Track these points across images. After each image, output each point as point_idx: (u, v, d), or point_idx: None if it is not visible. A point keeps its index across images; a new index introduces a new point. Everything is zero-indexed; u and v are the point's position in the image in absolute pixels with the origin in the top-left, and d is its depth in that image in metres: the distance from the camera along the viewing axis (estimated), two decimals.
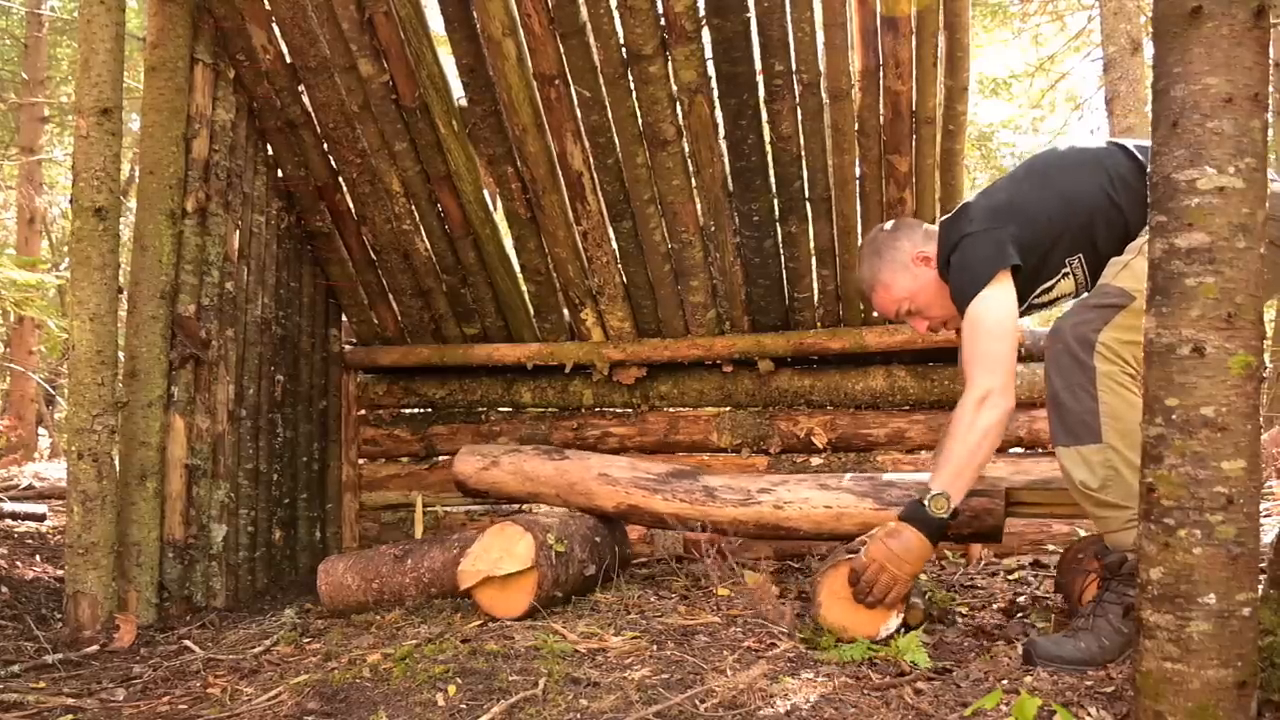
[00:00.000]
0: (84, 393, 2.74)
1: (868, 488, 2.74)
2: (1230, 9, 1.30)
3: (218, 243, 3.22)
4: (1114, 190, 2.09)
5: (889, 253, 2.35)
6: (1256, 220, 1.32)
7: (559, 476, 3.01)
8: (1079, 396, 1.93)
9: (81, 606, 2.73)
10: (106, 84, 2.78)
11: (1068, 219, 2.14)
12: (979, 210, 2.22)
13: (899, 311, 2.39)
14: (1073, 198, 2.13)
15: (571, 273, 3.58)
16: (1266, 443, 4.53)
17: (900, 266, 2.33)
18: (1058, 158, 2.25)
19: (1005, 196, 2.22)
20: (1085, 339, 1.93)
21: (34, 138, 9.26)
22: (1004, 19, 9.55)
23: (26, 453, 8.55)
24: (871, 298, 2.43)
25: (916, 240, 2.34)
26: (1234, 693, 1.32)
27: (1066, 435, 1.96)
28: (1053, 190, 2.15)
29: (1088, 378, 1.92)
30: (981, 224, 2.17)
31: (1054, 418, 1.99)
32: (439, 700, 1.83)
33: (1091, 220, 2.12)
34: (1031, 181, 2.21)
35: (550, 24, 2.85)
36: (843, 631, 2.14)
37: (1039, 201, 2.15)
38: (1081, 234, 2.14)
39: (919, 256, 2.32)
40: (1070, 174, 2.16)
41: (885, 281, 2.36)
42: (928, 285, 2.32)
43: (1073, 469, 1.95)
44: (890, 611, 2.12)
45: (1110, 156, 2.15)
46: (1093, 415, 1.91)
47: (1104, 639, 1.90)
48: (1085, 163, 2.17)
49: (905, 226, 2.42)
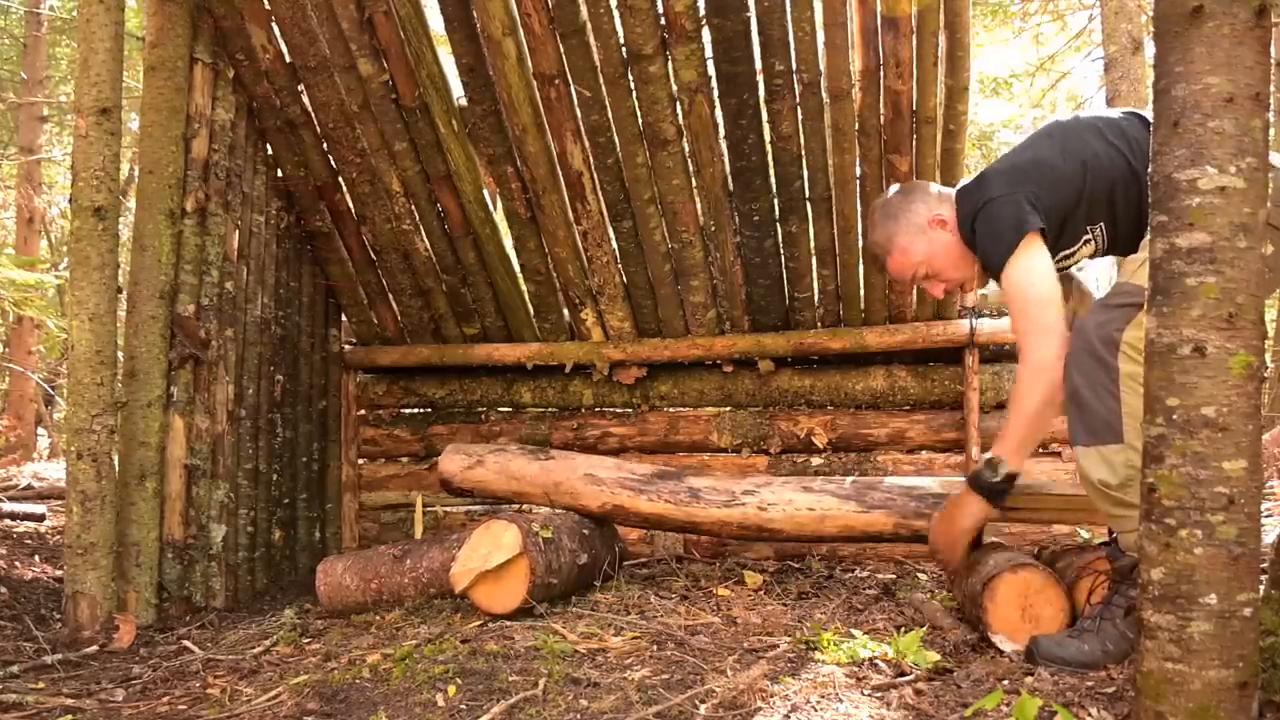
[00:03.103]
0: (83, 393, 2.74)
1: (850, 490, 2.75)
2: (1231, 8, 1.29)
3: (217, 242, 3.22)
4: (1133, 157, 2.07)
5: (905, 216, 2.32)
6: (1257, 220, 1.32)
7: (544, 476, 3.02)
8: (1101, 396, 1.91)
9: (81, 607, 2.73)
10: (106, 83, 2.78)
11: (1089, 185, 2.11)
12: (999, 174, 2.20)
13: (915, 276, 2.36)
14: (1094, 165, 2.11)
15: (571, 273, 3.58)
16: (1267, 443, 4.52)
17: (916, 230, 2.30)
18: (1078, 125, 2.21)
19: (1027, 157, 2.18)
20: (1109, 339, 1.91)
21: (33, 137, 9.25)
22: (1004, 18, 9.54)
23: (25, 453, 8.55)
24: (887, 262, 2.39)
25: (931, 203, 2.31)
26: (1235, 693, 1.32)
27: (1088, 435, 1.94)
28: (1074, 157, 2.13)
29: (1110, 378, 1.90)
30: (1003, 188, 2.14)
31: (1075, 417, 1.97)
32: (439, 700, 1.83)
33: (1112, 188, 2.10)
34: (1052, 146, 2.18)
35: (550, 24, 2.84)
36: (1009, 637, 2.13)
37: (1060, 166, 2.13)
38: (1102, 201, 2.12)
39: (935, 219, 2.29)
40: (1088, 143, 2.14)
41: (902, 246, 2.32)
42: (944, 248, 2.29)
43: (1092, 468, 1.93)
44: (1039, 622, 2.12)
45: (1129, 125, 2.13)
46: (1115, 415, 1.89)
47: (1108, 643, 1.90)
48: (1103, 130, 2.15)
49: (918, 189, 2.39)
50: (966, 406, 3.54)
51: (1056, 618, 2.12)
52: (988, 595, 2.14)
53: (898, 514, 2.68)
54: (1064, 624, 2.11)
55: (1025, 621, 2.11)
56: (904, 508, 2.68)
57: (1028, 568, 2.15)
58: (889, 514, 2.69)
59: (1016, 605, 2.13)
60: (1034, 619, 2.12)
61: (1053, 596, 2.13)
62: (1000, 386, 3.54)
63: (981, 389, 3.53)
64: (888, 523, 2.69)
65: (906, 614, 2.53)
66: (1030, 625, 2.11)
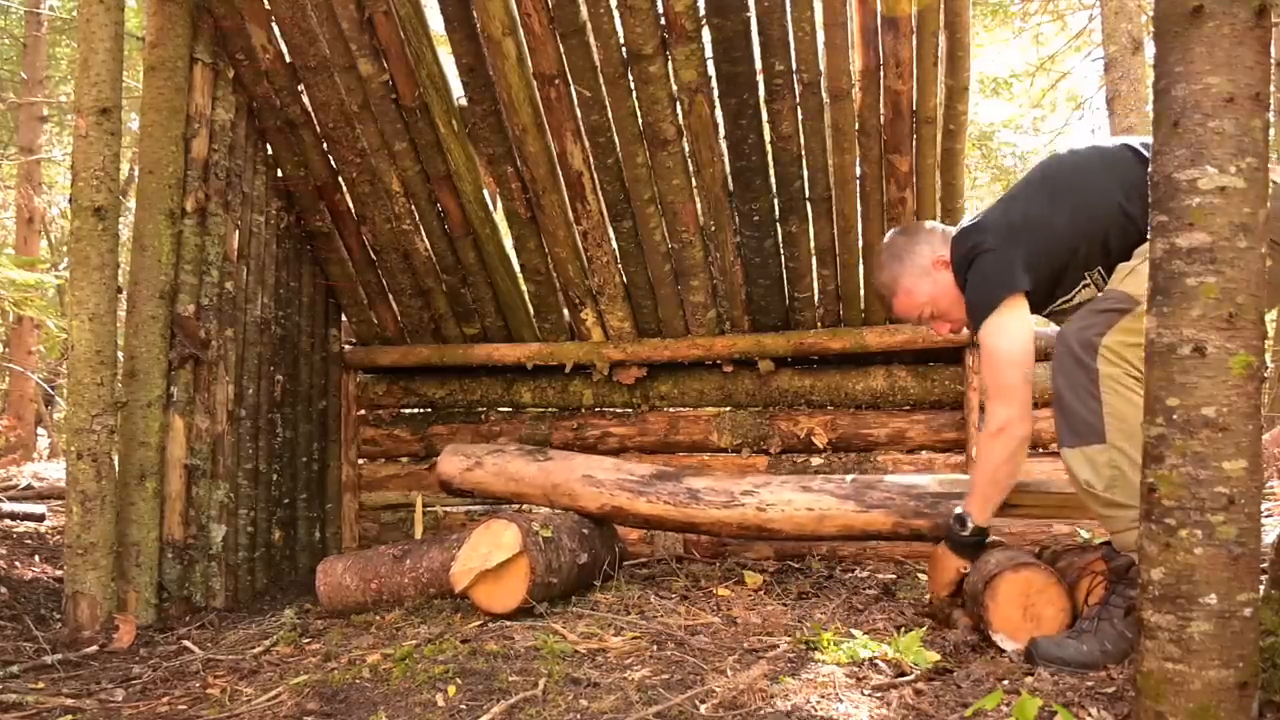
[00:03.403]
0: (83, 393, 2.74)
1: (849, 490, 2.75)
2: (1231, 8, 1.29)
3: (217, 242, 3.22)
4: (1127, 201, 2.08)
5: (910, 258, 2.37)
6: (1257, 220, 1.32)
7: (543, 477, 3.02)
8: (1082, 399, 1.94)
9: (81, 607, 2.73)
10: (106, 83, 2.78)
11: (1083, 236, 2.14)
12: (994, 225, 2.22)
13: (921, 316, 2.42)
14: (1087, 216, 2.13)
15: (571, 272, 3.58)
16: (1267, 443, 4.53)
17: (921, 272, 2.36)
18: (1070, 169, 2.23)
19: (1020, 213, 2.21)
20: (1088, 343, 1.95)
21: (33, 137, 9.25)
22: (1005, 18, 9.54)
23: (25, 453, 8.55)
24: (893, 303, 2.45)
25: (935, 245, 2.36)
26: (1235, 693, 1.32)
27: (1072, 436, 1.98)
28: (1065, 208, 2.15)
29: (1091, 380, 1.93)
30: (995, 241, 2.19)
31: (1059, 420, 2.02)
32: (439, 700, 1.83)
33: (1106, 234, 2.12)
34: (1045, 198, 2.19)
35: (550, 23, 2.84)
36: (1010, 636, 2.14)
37: (1052, 222, 2.15)
38: (1096, 248, 2.14)
39: (939, 261, 2.34)
40: (1083, 190, 2.15)
41: (907, 287, 2.38)
42: (948, 289, 2.34)
43: (1078, 469, 1.97)
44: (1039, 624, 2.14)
45: (1123, 163, 2.13)
46: (1096, 416, 1.92)
47: (1107, 643, 1.90)
48: (1098, 173, 2.16)
49: (923, 231, 2.43)
50: (967, 406, 3.54)
51: (1058, 617, 2.12)
52: (989, 594, 2.14)
53: (896, 513, 2.68)
54: (1066, 624, 2.11)
55: (1027, 621, 2.11)
56: (903, 507, 2.68)
57: (1029, 567, 2.15)
58: (888, 513, 2.69)
59: (1018, 604, 2.13)
60: (1035, 618, 2.12)
61: (1054, 596, 2.13)
62: None
63: (982, 389, 3.53)
64: (886, 522, 2.69)
65: (907, 614, 2.53)
66: (1032, 624, 2.11)
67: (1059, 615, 2.12)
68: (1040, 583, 2.13)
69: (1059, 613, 2.12)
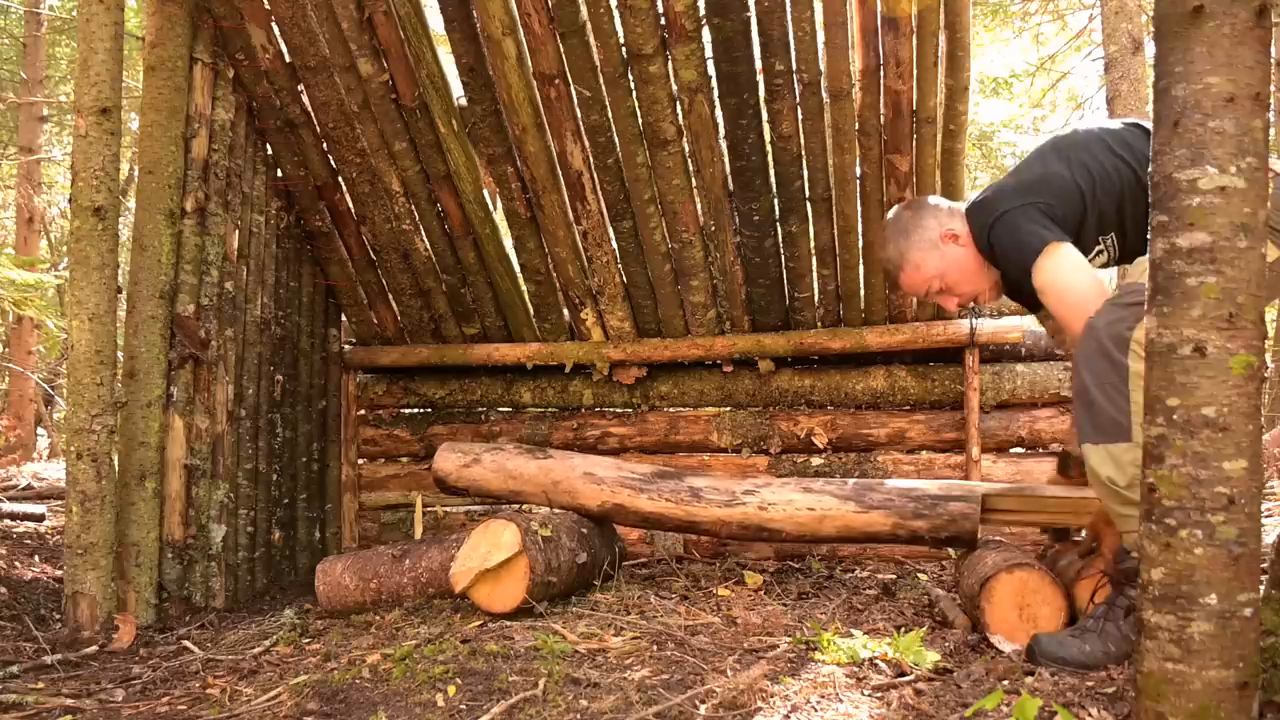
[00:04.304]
0: (83, 393, 2.74)
1: (850, 490, 2.75)
2: (1232, 8, 1.29)
3: (217, 242, 3.22)
4: (1140, 171, 2.09)
5: (917, 232, 2.34)
6: (1258, 220, 1.32)
7: (543, 475, 3.01)
8: (1111, 395, 1.90)
9: (80, 607, 2.73)
10: (105, 83, 2.77)
11: (1097, 197, 2.13)
12: (1011, 189, 2.21)
13: (929, 291, 2.38)
14: (1101, 177, 2.13)
15: (571, 272, 3.57)
16: (1268, 443, 4.52)
17: (929, 245, 2.32)
18: (1081, 138, 2.23)
19: (1037, 172, 2.20)
20: (1120, 337, 1.90)
21: (33, 137, 9.25)
22: (1005, 18, 9.53)
23: (25, 453, 8.55)
24: (899, 277, 2.41)
25: (942, 218, 2.33)
26: (1235, 694, 1.31)
27: (1097, 433, 1.93)
28: (1079, 166, 2.15)
29: (1120, 376, 1.89)
30: (1017, 200, 2.16)
31: (1083, 415, 1.96)
32: (439, 701, 1.83)
33: (1120, 200, 2.12)
34: (1058, 159, 2.19)
35: (550, 23, 2.84)
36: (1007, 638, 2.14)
37: (1068, 178, 2.15)
38: (1111, 213, 2.14)
39: (947, 234, 2.31)
40: (1094, 155, 2.16)
41: (915, 261, 2.34)
42: (957, 262, 2.31)
43: (1100, 466, 1.93)
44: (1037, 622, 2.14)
45: (1134, 138, 2.15)
46: (1124, 414, 1.88)
47: (1110, 643, 1.90)
48: (1107, 143, 2.17)
49: (928, 205, 2.41)
50: (967, 406, 3.54)
51: (1054, 617, 2.12)
52: (985, 596, 2.14)
53: (896, 514, 2.68)
54: (1062, 623, 2.11)
55: (1023, 621, 2.12)
56: (902, 508, 2.68)
57: (1023, 567, 2.15)
58: (887, 514, 2.69)
59: (1014, 605, 2.13)
60: (1032, 619, 2.12)
61: (1049, 596, 2.13)
62: (1000, 386, 3.54)
63: (982, 389, 3.53)
64: (886, 523, 2.69)
65: (907, 614, 2.53)
66: (1028, 625, 2.11)
67: (1055, 615, 2.12)
68: (1035, 583, 2.14)
69: (1055, 612, 2.12)
